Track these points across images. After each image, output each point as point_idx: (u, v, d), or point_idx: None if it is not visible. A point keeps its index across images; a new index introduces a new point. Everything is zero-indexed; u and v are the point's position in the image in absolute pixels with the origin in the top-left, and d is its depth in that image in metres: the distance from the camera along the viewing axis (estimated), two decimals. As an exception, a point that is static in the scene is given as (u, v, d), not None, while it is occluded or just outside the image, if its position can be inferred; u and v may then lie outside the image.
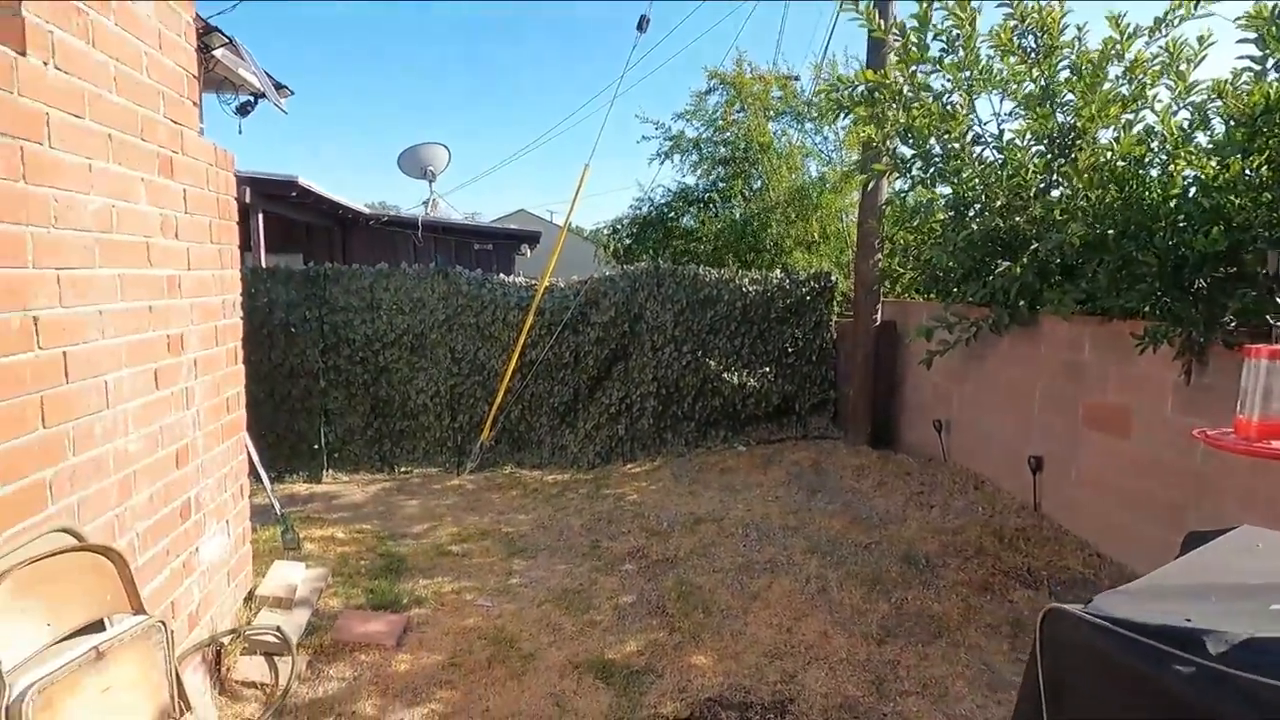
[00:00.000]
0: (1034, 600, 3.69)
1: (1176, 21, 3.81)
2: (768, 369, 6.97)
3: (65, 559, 1.81)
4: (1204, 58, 3.72)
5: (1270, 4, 3.26)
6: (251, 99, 4.32)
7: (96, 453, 2.06)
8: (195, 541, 2.72)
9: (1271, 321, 1.21)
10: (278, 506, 4.53)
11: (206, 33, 3.39)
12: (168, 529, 2.49)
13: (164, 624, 1.96)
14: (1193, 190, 3.62)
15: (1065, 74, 4.24)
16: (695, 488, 5.77)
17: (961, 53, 4.45)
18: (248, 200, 6.80)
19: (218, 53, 3.62)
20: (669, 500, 5.49)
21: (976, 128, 4.75)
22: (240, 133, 4.38)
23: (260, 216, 7.44)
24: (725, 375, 6.81)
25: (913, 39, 4.52)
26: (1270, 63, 3.33)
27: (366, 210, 10.21)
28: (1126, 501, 4.04)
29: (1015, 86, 4.48)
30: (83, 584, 1.84)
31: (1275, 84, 3.22)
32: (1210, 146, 3.64)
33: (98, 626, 1.91)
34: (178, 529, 2.56)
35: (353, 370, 6.40)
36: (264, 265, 6.71)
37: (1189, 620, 0.83)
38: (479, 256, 11.62)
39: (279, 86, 4.33)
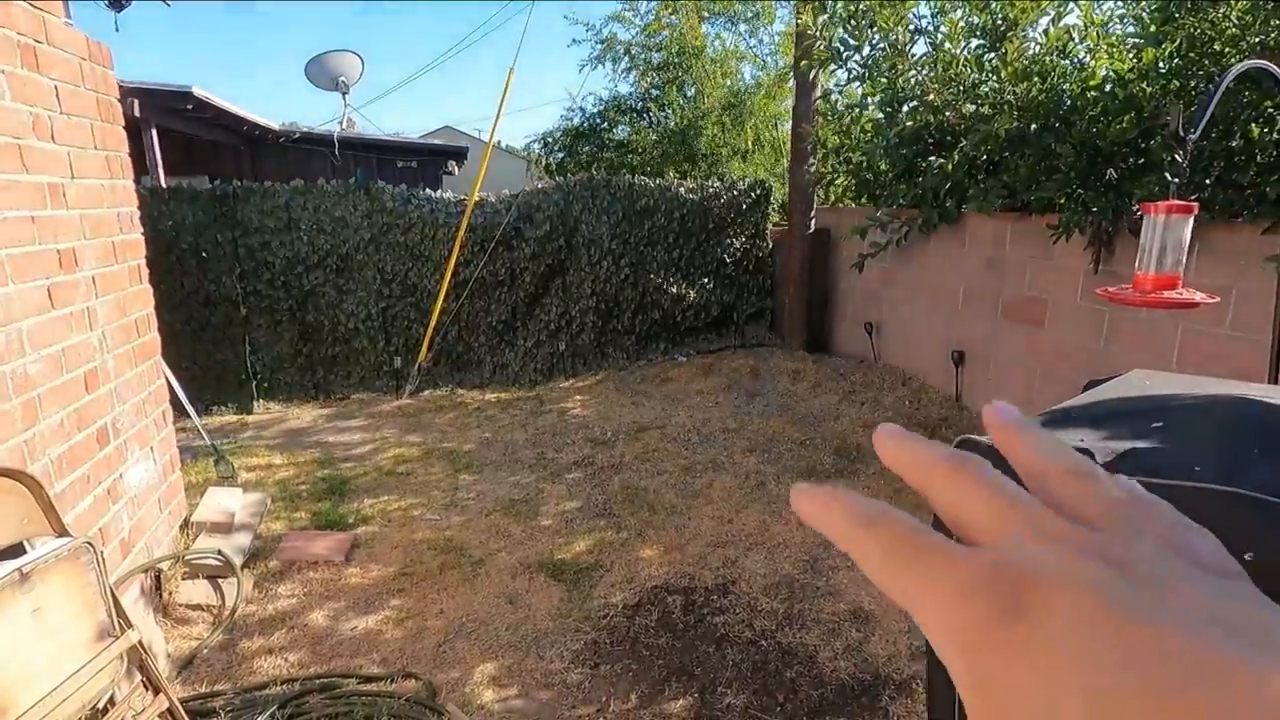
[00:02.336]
0: (953, 480, 3.97)
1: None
2: (706, 280, 7.01)
3: (-30, 483, 1.71)
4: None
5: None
6: (126, -10, 3.84)
7: (-9, 374, 1.92)
8: (118, 468, 2.61)
9: (1169, 178, 1.27)
10: (206, 436, 4.38)
11: (61, -95, 2.95)
12: (85, 455, 2.37)
13: (91, 544, 1.90)
14: (1108, 85, 3.73)
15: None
16: (638, 399, 5.86)
17: None
18: (138, 114, 6.19)
19: (78, -68, 3.18)
20: (612, 412, 5.57)
21: (914, 21, 4.71)
22: (117, 29, 3.88)
23: (155, 133, 6.80)
24: (664, 287, 6.81)
25: None
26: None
27: (276, 126, 9.46)
28: (1038, 385, 4.33)
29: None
30: (-6, 508, 1.75)
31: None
32: (1128, 41, 3.72)
33: (19, 551, 1.83)
34: (96, 455, 2.45)
35: (275, 295, 6.09)
36: (164, 185, 6.19)
37: (1082, 440, 0.90)
38: (403, 174, 11.00)
39: (157, -24, 3.85)
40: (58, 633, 1.79)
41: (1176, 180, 1.23)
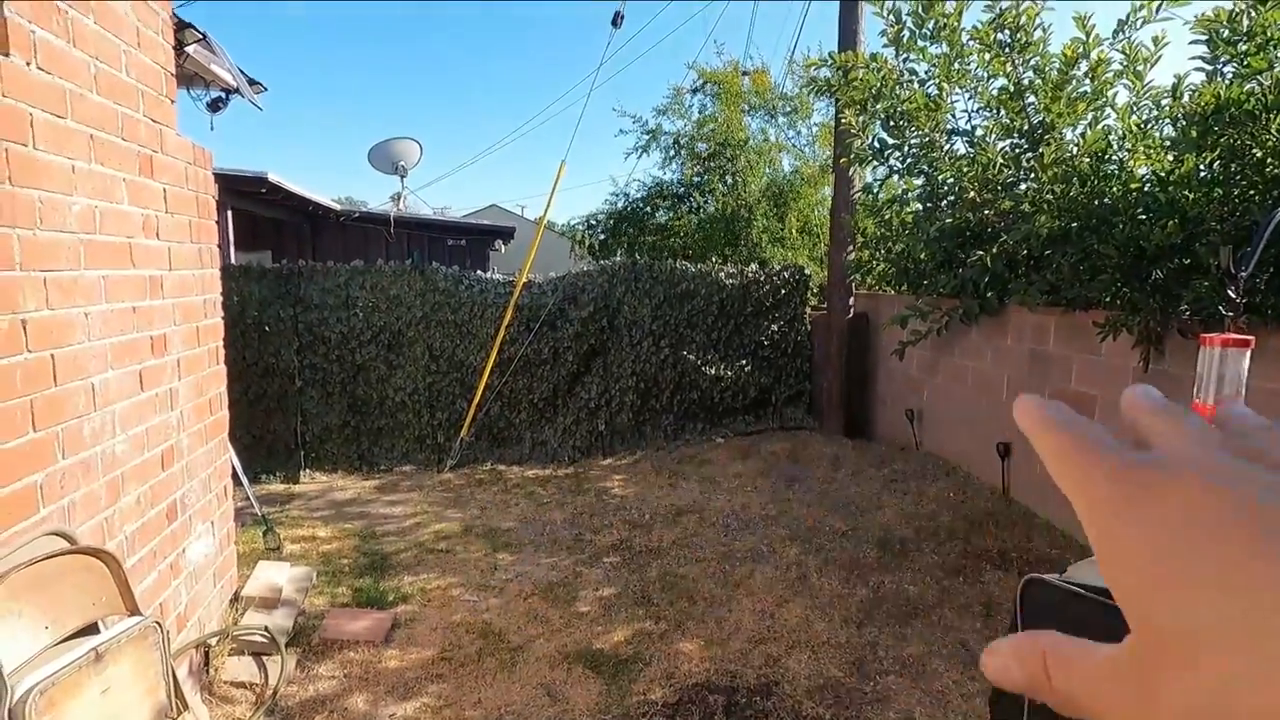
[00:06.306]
0: (1004, 580, 3.83)
1: (1139, 24, 3.93)
2: (744, 362, 7.07)
3: (59, 562, 1.81)
4: (1159, 58, 3.88)
5: (1224, 5, 3.41)
6: (224, 95, 4.24)
7: (85, 455, 2.05)
8: (182, 543, 2.71)
9: (1224, 312, 1.30)
10: (258, 507, 4.51)
11: (180, 29, 3.34)
12: (155, 531, 2.48)
13: (159, 624, 1.97)
14: (1149, 186, 3.79)
15: (1031, 74, 4.38)
16: (675, 480, 5.85)
17: (945, 46, 4.57)
18: (215, 198, 6.68)
19: (190, 49, 3.57)
20: (650, 493, 5.56)
21: (952, 121, 4.89)
22: (212, 129, 4.30)
23: (230, 214, 7.32)
24: (703, 368, 6.89)
25: (909, 25, 4.63)
26: (1221, 63, 3.49)
27: (336, 206, 10.07)
28: (1090, 484, 4.21)
29: (988, 83, 4.61)
30: (78, 586, 1.84)
31: (1225, 84, 3.38)
32: (1167, 144, 3.80)
33: (93, 628, 1.91)
34: (165, 530, 2.55)
35: (329, 368, 6.34)
36: (234, 263, 6.61)
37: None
38: (452, 252, 11.54)
39: (252, 82, 4.26)
40: (121, 712, 1.84)
41: (1231, 315, 1.27)
